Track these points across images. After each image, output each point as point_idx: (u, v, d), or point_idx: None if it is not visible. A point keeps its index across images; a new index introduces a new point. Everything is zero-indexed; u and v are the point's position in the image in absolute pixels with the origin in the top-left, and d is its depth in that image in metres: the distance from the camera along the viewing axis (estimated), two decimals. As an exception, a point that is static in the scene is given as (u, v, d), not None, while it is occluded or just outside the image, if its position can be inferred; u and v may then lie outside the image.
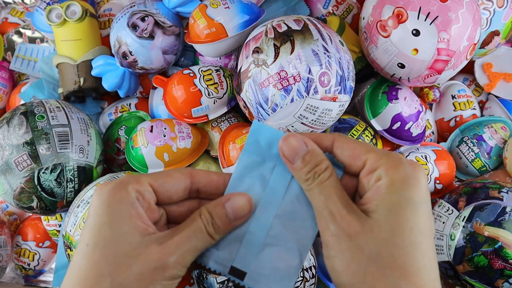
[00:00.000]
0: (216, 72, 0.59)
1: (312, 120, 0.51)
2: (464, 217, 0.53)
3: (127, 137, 0.63)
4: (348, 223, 0.25)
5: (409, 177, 0.25)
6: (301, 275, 0.49)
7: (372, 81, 0.66)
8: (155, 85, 0.63)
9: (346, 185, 0.28)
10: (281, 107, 0.49)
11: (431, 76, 0.54)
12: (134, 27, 0.59)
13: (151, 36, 0.59)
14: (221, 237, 0.28)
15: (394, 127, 0.60)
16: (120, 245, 0.25)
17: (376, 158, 0.26)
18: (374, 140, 0.61)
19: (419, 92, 0.69)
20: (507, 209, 0.51)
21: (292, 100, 0.49)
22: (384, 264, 0.24)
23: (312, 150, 0.27)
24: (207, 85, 0.58)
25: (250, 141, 0.29)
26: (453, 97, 0.68)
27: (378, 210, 0.25)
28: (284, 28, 0.50)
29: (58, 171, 0.53)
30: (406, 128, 0.61)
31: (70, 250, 0.52)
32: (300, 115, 0.50)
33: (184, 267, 0.26)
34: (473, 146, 0.64)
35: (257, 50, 0.50)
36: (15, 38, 0.76)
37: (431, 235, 0.26)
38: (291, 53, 0.48)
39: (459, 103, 0.68)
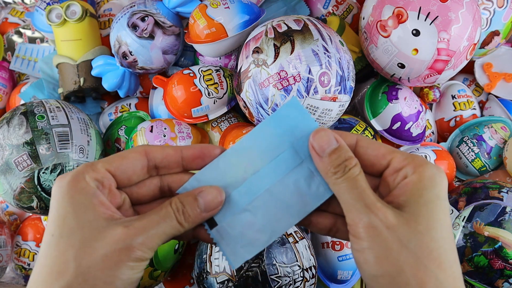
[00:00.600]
0: (216, 72, 0.59)
1: (312, 120, 0.51)
2: (464, 217, 0.53)
3: (127, 137, 0.63)
4: (385, 215, 0.26)
5: (436, 176, 0.26)
6: (301, 275, 0.49)
7: (372, 81, 0.66)
8: (155, 85, 0.63)
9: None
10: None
11: (431, 76, 0.54)
12: (134, 27, 0.59)
13: (151, 36, 0.59)
14: (190, 227, 0.28)
15: (394, 127, 0.60)
16: (86, 232, 0.25)
17: (401, 158, 0.27)
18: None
19: (419, 92, 0.69)
20: (507, 209, 0.51)
21: (292, 100, 0.49)
22: (422, 256, 0.25)
23: (342, 145, 0.28)
24: (207, 85, 0.58)
25: (281, 114, 0.29)
26: (453, 97, 0.68)
27: (409, 205, 0.26)
28: (284, 28, 0.50)
29: (58, 171, 0.53)
30: (406, 128, 0.61)
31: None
32: (300, 115, 0.50)
33: (150, 249, 0.26)
34: (473, 146, 0.64)
35: (257, 50, 0.50)
36: (15, 38, 0.75)
37: (452, 231, 0.27)
38: (291, 53, 0.48)
39: (459, 103, 0.68)
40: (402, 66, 0.54)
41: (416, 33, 0.51)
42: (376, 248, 0.26)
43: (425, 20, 0.50)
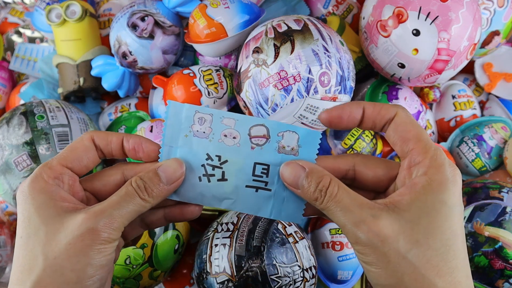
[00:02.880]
0: (216, 72, 0.59)
1: (312, 120, 0.51)
2: (465, 217, 0.53)
3: (127, 137, 0.62)
4: (377, 228, 0.25)
5: (448, 181, 0.26)
6: (301, 275, 0.49)
7: (372, 81, 0.66)
8: (155, 85, 0.62)
9: (379, 181, 0.29)
10: (281, 107, 0.49)
11: (431, 76, 0.54)
12: (134, 27, 0.59)
13: (151, 36, 0.59)
14: (156, 201, 0.28)
15: (394, 127, 0.60)
16: (49, 227, 0.26)
17: (421, 152, 0.26)
18: (374, 140, 0.61)
19: (419, 92, 0.69)
20: (508, 209, 0.51)
21: (292, 100, 0.49)
22: (420, 265, 0.25)
23: (311, 169, 0.28)
24: (207, 85, 0.57)
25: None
26: (454, 97, 0.68)
27: (410, 210, 0.25)
28: (284, 28, 0.50)
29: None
30: (406, 128, 0.60)
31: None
32: (300, 115, 0.50)
33: (116, 230, 0.26)
34: (474, 146, 0.64)
35: (257, 50, 0.50)
36: (15, 38, 0.75)
37: (462, 236, 0.26)
38: (291, 53, 0.48)
39: (459, 103, 0.68)
40: (402, 66, 0.54)
41: (416, 33, 0.51)
42: (376, 261, 0.25)
43: (425, 20, 0.50)
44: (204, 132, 0.30)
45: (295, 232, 0.52)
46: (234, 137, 0.30)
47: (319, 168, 0.28)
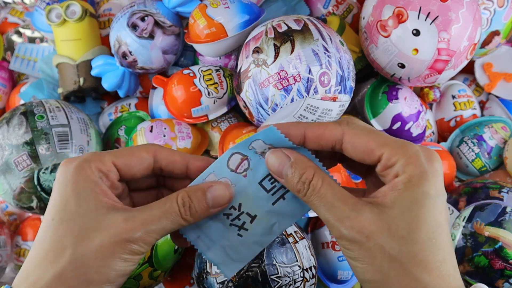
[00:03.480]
0: (216, 72, 0.59)
1: (312, 120, 0.51)
2: (465, 217, 0.53)
3: (127, 137, 0.62)
4: (361, 224, 0.25)
5: (426, 172, 0.25)
6: (301, 275, 0.49)
7: (372, 81, 0.66)
8: (155, 85, 0.62)
9: (355, 165, 0.28)
10: (281, 107, 0.49)
11: (431, 76, 0.54)
12: (134, 27, 0.59)
13: (151, 36, 0.59)
14: (194, 222, 0.28)
15: (394, 127, 0.60)
16: (86, 220, 0.25)
17: (392, 153, 0.26)
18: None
19: (419, 92, 0.69)
20: (508, 209, 0.51)
21: (292, 100, 0.49)
22: (406, 261, 0.24)
23: (295, 160, 0.27)
24: (207, 85, 0.57)
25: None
26: (454, 97, 0.68)
27: (394, 207, 0.25)
28: (284, 28, 0.50)
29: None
30: (406, 128, 0.61)
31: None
32: (300, 115, 0.50)
33: (148, 244, 0.26)
34: (474, 146, 0.64)
35: (257, 50, 0.50)
36: (15, 38, 0.75)
37: (447, 226, 0.26)
38: (291, 53, 0.48)
39: (459, 103, 0.68)
40: (402, 66, 0.54)
41: (416, 33, 0.51)
42: (362, 258, 0.25)
43: (425, 20, 0.50)
44: None
45: (295, 232, 0.52)
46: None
47: (304, 159, 0.27)
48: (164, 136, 0.57)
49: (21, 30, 0.75)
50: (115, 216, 0.26)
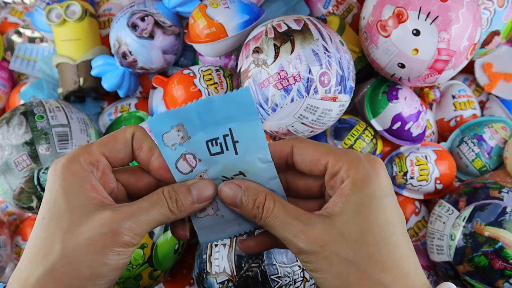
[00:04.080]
0: (216, 72, 0.59)
1: (312, 120, 0.51)
2: (465, 217, 0.53)
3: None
4: (315, 236, 0.26)
5: (369, 174, 0.26)
6: (301, 275, 0.49)
7: (372, 81, 0.66)
8: (155, 85, 0.62)
9: (311, 186, 0.29)
10: (281, 107, 0.49)
11: (431, 76, 0.54)
12: (134, 27, 0.59)
13: (151, 36, 0.59)
14: (181, 216, 0.28)
15: (395, 127, 0.60)
16: (74, 216, 0.26)
17: (335, 160, 0.27)
18: (374, 140, 0.61)
19: (419, 92, 0.69)
20: (508, 209, 0.51)
21: (292, 100, 0.49)
22: (363, 263, 0.25)
23: (246, 188, 0.28)
24: (207, 85, 0.57)
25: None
26: (454, 97, 0.68)
27: (344, 213, 0.26)
28: (284, 28, 0.50)
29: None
30: (406, 128, 0.60)
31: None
32: (300, 115, 0.50)
33: (138, 235, 0.26)
34: (474, 146, 0.64)
35: (257, 50, 0.50)
36: (15, 38, 0.75)
37: (401, 225, 0.26)
38: (291, 53, 0.48)
39: (459, 103, 0.68)
40: (402, 66, 0.54)
41: (417, 33, 0.51)
42: (320, 267, 0.26)
43: (425, 20, 0.50)
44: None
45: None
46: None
47: (254, 185, 0.29)
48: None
49: (21, 30, 0.75)
50: (103, 211, 0.26)
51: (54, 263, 0.25)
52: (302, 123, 0.51)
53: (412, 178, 0.61)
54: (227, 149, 0.29)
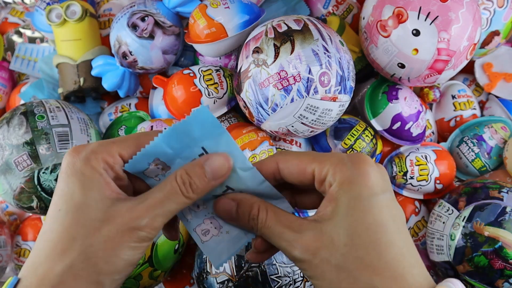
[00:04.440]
0: (216, 72, 0.59)
1: (312, 120, 0.51)
2: (464, 217, 0.53)
3: (127, 137, 0.62)
4: (306, 243, 0.26)
5: (353, 176, 0.26)
6: (301, 275, 0.49)
7: (372, 81, 0.66)
8: (155, 85, 0.63)
9: (309, 197, 0.30)
10: (281, 107, 0.49)
11: (431, 76, 0.54)
12: (134, 27, 0.59)
13: (151, 36, 0.59)
14: (198, 197, 0.28)
15: (394, 127, 0.60)
16: (92, 211, 0.26)
17: (320, 166, 0.27)
18: (374, 140, 0.61)
19: (419, 92, 0.69)
20: (507, 209, 0.51)
21: (292, 100, 0.49)
22: (353, 267, 0.25)
23: (240, 201, 0.29)
24: (207, 85, 0.58)
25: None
26: (453, 97, 0.68)
27: (333, 217, 0.26)
28: (284, 28, 0.50)
29: (58, 171, 0.53)
30: (406, 128, 0.61)
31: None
32: (300, 115, 0.50)
33: (155, 230, 0.26)
34: (473, 146, 0.64)
35: (257, 50, 0.50)
36: (15, 38, 0.75)
37: (394, 223, 0.26)
38: (291, 53, 0.48)
39: (459, 103, 0.68)
40: (402, 66, 0.54)
41: (416, 33, 0.51)
42: (313, 275, 0.26)
43: (425, 20, 0.50)
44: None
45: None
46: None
47: (247, 197, 0.29)
48: (165, 129, 0.57)
49: (22, 30, 0.75)
50: (119, 206, 0.26)
51: (74, 259, 0.25)
52: (302, 123, 0.51)
53: (412, 178, 0.61)
54: None
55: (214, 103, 0.58)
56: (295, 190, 0.31)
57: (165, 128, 0.30)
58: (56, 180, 0.53)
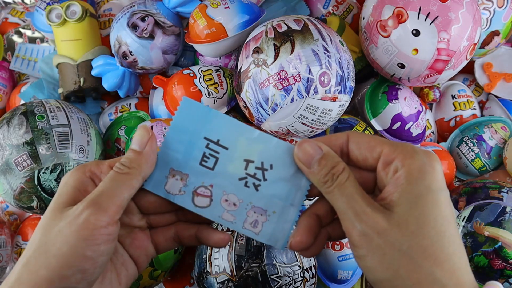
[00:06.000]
0: (216, 72, 0.59)
1: (312, 120, 0.51)
2: (464, 217, 0.53)
3: (127, 137, 0.63)
4: (375, 220, 0.25)
5: (425, 166, 0.26)
6: (301, 275, 0.49)
7: (372, 81, 0.66)
8: (155, 85, 0.63)
9: (364, 180, 0.29)
10: (281, 107, 0.49)
11: (431, 76, 0.54)
12: (134, 27, 0.59)
13: (151, 36, 0.59)
14: (139, 172, 0.28)
15: (394, 127, 0.60)
16: (54, 212, 0.27)
17: (391, 149, 0.27)
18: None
19: (419, 92, 0.69)
20: (507, 209, 0.51)
21: (292, 100, 0.49)
22: (416, 256, 0.25)
23: (327, 153, 0.28)
24: (207, 85, 0.58)
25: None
26: (453, 97, 0.68)
27: (400, 204, 0.25)
28: (284, 28, 0.50)
29: (58, 171, 0.53)
30: (406, 128, 0.61)
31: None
32: (300, 115, 0.50)
33: (111, 217, 0.27)
34: (473, 146, 0.64)
35: (257, 50, 0.50)
36: (15, 38, 0.75)
37: (454, 221, 0.26)
38: (291, 53, 0.48)
39: (459, 103, 0.68)
40: (402, 66, 0.54)
41: (416, 33, 0.51)
42: (372, 255, 0.25)
43: (425, 20, 0.50)
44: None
45: (295, 232, 0.52)
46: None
47: (334, 153, 0.28)
48: (164, 136, 0.57)
49: (22, 30, 0.75)
50: (77, 206, 0.27)
51: (29, 257, 0.26)
52: (302, 123, 0.51)
53: (412, 178, 0.61)
54: (218, 153, 0.29)
55: (214, 103, 0.58)
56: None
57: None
58: (56, 180, 0.53)
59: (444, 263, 0.25)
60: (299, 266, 0.49)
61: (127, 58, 0.60)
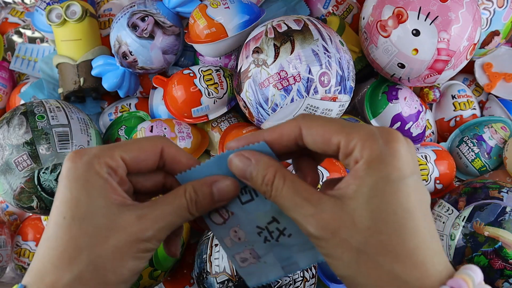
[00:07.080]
0: (216, 72, 0.59)
1: (312, 120, 0.51)
2: (464, 217, 0.53)
3: (127, 137, 0.63)
4: (325, 221, 0.24)
5: (383, 155, 0.24)
6: (301, 275, 0.49)
7: (372, 81, 0.66)
8: (155, 85, 0.63)
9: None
10: (281, 107, 0.49)
11: (431, 76, 0.54)
12: (134, 27, 0.59)
13: (151, 36, 0.59)
14: (199, 215, 0.28)
15: (394, 127, 0.60)
16: (98, 219, 0.25)
17: (348, 138, 0.25)
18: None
19: (419, 92, 0.69)
20: (507, 209, 0.51)
21: (292, 100, 0.49)
22: (374, 252, 0.23)
23: (256, 161, 0.27)
24: (207, 85, 0.58)
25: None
26: (453, 97, 0.68)
27: (357, 197, 0.24)
28: (284, 28, 0.50)
29: (58, 171, 0.53)
30: (406, 128, 0.61)
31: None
32: (300, 115, 0.50)
33: (159, 241, 0.26)
34: (473, 146, 0.64)
35: (257, 50, 0.50)
36: (15, 38, 0.75)
37: (421, 210, 0.24)
38: (291, 53, 0.48)
39: (459, 103, 0.68)
40: (402, 66, 0.54)
41: (416, 33, 0.51)
42: (333, 253, 0.24)
43: (425, 20, 0.50)
44: None
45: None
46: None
47: (265, 159, 0.27)
48: (164, 136, 0.57)
49: (22, 30, 0.75)
50: (127, 214, 0.26)
51: (82, 270, 0.25)
52: (302, 123, 0.51)
53: (412, 178, 0.61)
54: (256, 195, 0.29)
55: (214, 103, 0.58)
56: (317, 157, 0.29)
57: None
58: (56, 180, 0.53)
59: (406, 258, 0.23)
60: (299, 266, 0.49)
61: (127, 58, 0.60)
